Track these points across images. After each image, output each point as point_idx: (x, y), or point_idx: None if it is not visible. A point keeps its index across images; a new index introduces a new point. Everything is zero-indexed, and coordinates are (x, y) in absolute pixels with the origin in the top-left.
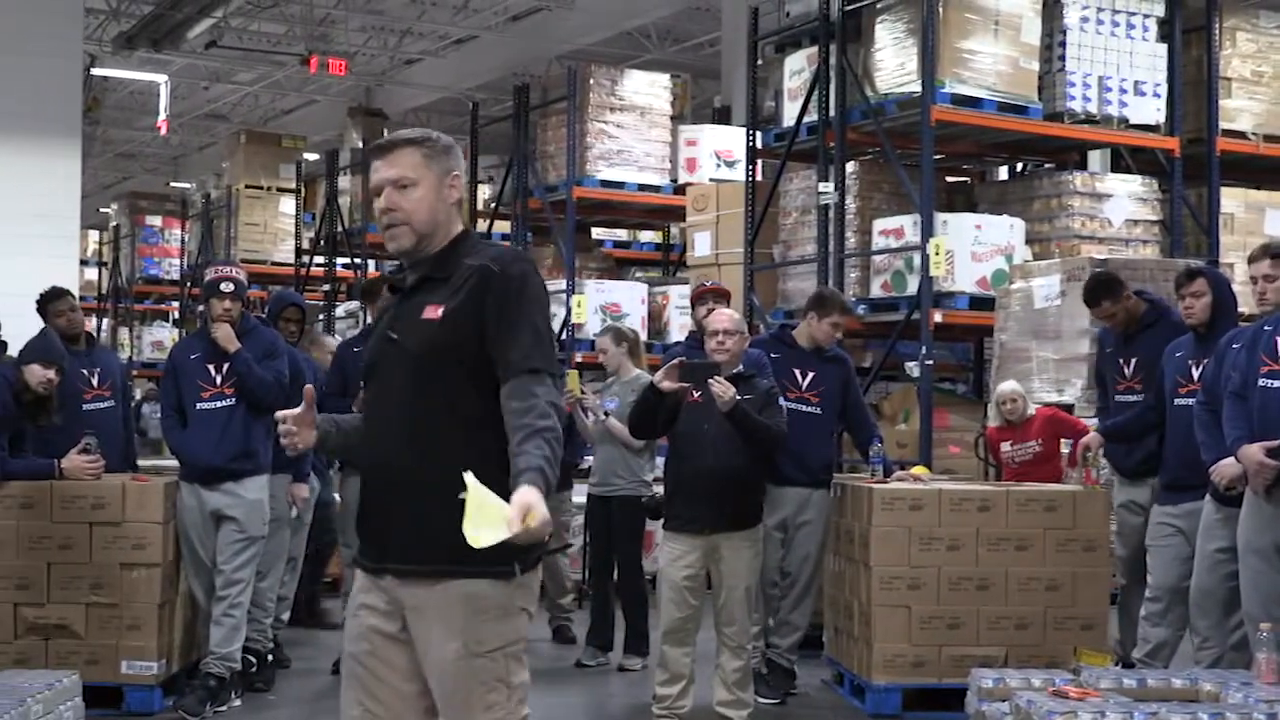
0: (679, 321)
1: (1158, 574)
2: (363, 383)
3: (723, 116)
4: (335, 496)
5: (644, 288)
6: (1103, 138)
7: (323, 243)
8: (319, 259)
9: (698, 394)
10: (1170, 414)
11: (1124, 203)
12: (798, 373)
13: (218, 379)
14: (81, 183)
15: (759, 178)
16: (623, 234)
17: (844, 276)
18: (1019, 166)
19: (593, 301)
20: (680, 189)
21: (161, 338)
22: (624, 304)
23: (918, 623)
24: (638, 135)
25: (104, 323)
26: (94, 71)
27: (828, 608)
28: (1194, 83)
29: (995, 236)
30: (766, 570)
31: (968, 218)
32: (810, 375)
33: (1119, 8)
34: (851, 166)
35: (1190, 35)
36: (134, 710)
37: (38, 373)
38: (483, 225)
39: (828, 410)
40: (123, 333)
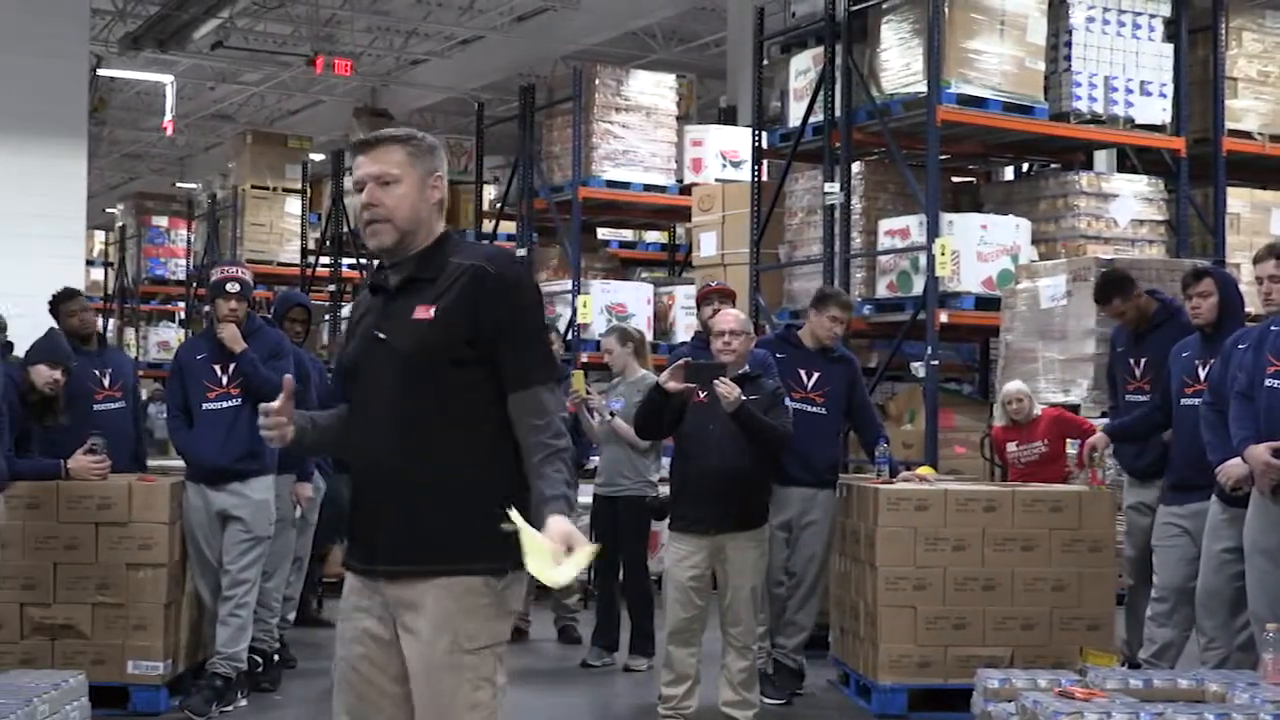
0: (684, 322)
1: (1164, 574)
2: (341, 383)
3: (728, 117)
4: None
5: (649, 288)
6: (1108, 138)
7: (328, 243)
8: (324, 259)
9: (703, 394)
10: (1176, 414)
11: (1130, 203)
12: (803, 373)
13: (224, 379)
14: (88, 183)
15: (764, 178)
16: (628, 234)
17: (849, 277)
18: (1025, 167)
19: (598, 302)
20: (686, 189)
21: (167, 338)
22: (629, 304)
23: (923, 623)
24: (643, 135)
25: (110, 323)
26: (100, 72)
27: (833, 608)
28: (1200, 83)
29: (1001, 237)
30: (772, 570)
31: (973, 218)
32: (816, 375)
33: (1125, 8)
34: (857, 167)
35: (1196, 35)
36: (140, 710)
37: (44, 373)
38: (488, 225)
39: (833, 410)
40: (129, 333)
